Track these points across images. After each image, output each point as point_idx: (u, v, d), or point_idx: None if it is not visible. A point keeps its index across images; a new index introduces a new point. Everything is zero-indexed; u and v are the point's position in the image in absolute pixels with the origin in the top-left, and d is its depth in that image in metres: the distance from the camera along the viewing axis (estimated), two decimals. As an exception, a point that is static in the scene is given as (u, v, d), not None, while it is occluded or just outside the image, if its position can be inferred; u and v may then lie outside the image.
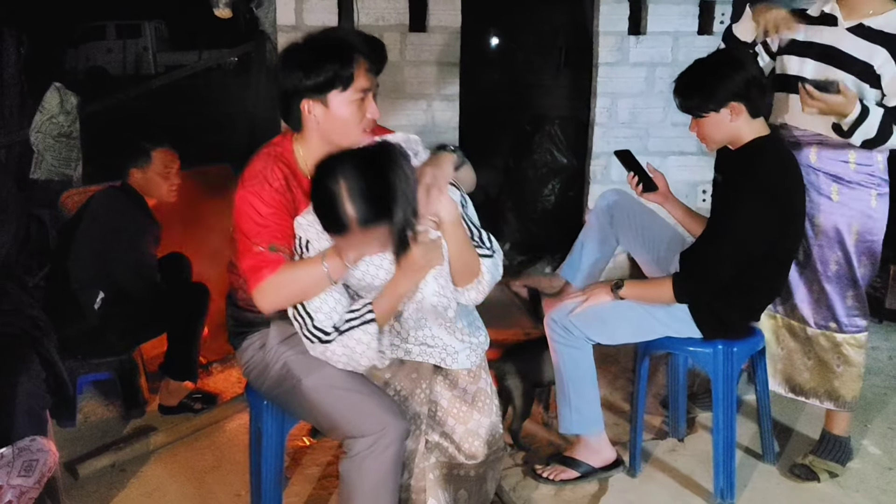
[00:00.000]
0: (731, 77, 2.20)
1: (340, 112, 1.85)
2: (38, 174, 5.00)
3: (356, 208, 1.65)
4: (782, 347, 2.60)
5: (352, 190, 1.65)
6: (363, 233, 1.69)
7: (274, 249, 1.82)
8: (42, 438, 1.89)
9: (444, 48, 3.83)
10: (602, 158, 4.06)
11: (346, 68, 1.82)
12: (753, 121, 2.24)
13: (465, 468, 1.95)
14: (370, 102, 1.87)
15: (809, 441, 2.71)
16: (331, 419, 1.85)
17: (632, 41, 3.93)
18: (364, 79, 1.84)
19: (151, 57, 17.24)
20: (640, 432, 2.55)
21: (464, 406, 1.95)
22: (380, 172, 1.68)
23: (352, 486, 1.81)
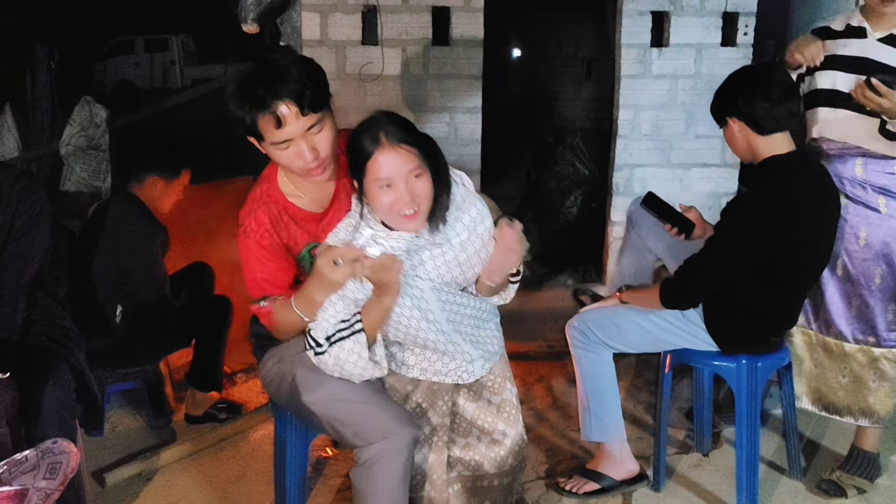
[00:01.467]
0: (729, 95, 2.25)
1: (273, 156, 1.86)
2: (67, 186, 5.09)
3: (390, 132, 1.75)
4: (816, 365, 2.56)
5: (386, 132, 1.74)
6: (392, 154, 1.74)
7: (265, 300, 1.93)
8: (63, 440, 1.92)
9: (467, 61, 3.86)
10: (624, 170, 4.05)
11: (252, 127, 1.79)
12: (768, 137, 2.21)
13: (488, 478, 1.94)
14: (294, 149, 1.80)
15: (837, 456, 2.68)
16: (338, 432, 1.87)
17: (654, 53, 3.93)
18: (273, 134, 1.78)
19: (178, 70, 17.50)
20: (664, 446, 2.54)
21: (489, 417, 1.96)
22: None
23: (362, 494, 1.82)
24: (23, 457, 1.83)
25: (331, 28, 3.73)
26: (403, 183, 1.75)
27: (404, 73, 3.83)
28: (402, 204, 1.76)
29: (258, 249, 1.93)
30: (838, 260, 2.46)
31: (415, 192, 1.76)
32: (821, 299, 2.51)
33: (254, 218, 1.92)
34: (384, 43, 3.76)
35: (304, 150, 1.81)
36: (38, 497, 1.78)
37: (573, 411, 3.05)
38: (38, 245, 2.19)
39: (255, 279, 1.94)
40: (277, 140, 1.79)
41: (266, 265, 1.93)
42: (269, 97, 1.76)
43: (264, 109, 1.76)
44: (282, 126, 1.77)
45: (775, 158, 2.22)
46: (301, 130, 1.79)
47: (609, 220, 4.13)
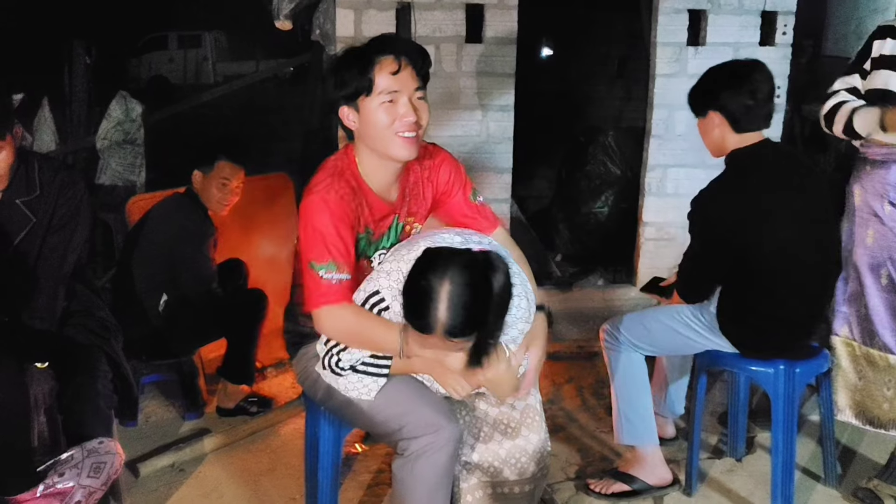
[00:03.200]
0: (712, 89, 2.25)
1: (371, 117, 1.85)
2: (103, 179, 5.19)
3: (451, 317, 1.58)
4: (860, 377, 2.52)
5: (453, 297, 1.57)
6: (442, 340, 1.63)
7: (332, 267, 1.80)
8: (110, 441, 1.95)
9: (500, 59, 3.84)
10: (657, 171, 4.01)
11: (365, 73, 1.82)
12: (742, 135, 2.24)
13: (508, 485, 1.93)
14: (401, 104, 1.84)
15: (874, 464, 2.63)
16: (384, 425, 1.86)
17: (690, 52, 3.88)
18: (388, 80, 1.82)
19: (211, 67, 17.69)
20: (697, 450, 2.51)
21: (511, 422, 1.94)
22: (485, 287, 1.59)
23: (405, 486, 1.81)
24: (69, 455, 1.87)
25: (365, 25, 3.73)
26: None
27: (437, 70, 3.82)
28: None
29: (337, 207, 1.82)
30: (882, 269, 2.42)
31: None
32: (864, 310, 2.46)
33: (337, 181, 1.86)
34: (418, 40, 3.75)
35: (409, 108, 1.85)
36: (81, 494, 1.81)
37: (603, 412, 3.03)
38: (77, 237, 2.23)
39: (326, 238, 1.80)
40: (389, 88, 1.83)
41: (340, 228, 1.82)
42: (392, 46, 1.85)
43: (387, 53, 1.83)
44: (399, 72, 1.82)
45: (740, 150, 2.25)
46: (412, 88, 1.85)
47: (641, 221, 4.09)
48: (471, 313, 1.59)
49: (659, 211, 4.06)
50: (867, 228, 2.44)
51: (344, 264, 1.82)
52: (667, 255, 4.08)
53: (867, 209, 2.44)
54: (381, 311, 1.80)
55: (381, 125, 1.85)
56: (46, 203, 2.17)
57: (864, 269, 2.47)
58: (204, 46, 17.78)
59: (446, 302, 1.58)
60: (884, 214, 2.40)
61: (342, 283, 1.82)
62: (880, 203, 2.41)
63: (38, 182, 2.17)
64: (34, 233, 2.15)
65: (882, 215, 2.41)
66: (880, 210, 2.41)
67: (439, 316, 1.59)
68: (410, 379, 1.91)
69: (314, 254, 1.82)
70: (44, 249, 2.19)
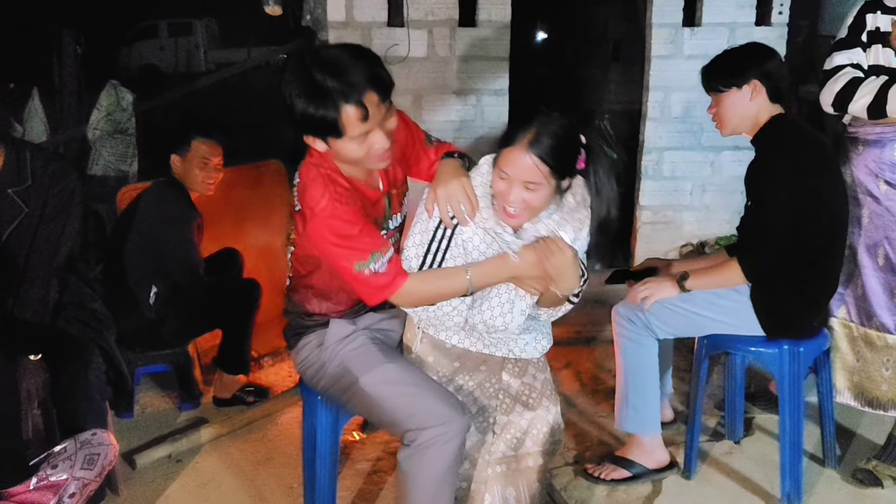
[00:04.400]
0: (757, 58, 2.27)
1: (342, 151, 1.77)
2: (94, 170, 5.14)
3: (538, 136, 1.79)
4: (858, 358, 2.51)
5: (549, 126, 1.81)
6: (522, 157, 1.78)
7: (378, 256, 1.80)
8: (103, 432, 1.94)
9: (494, 43, 3.80)
10: (654, 153, 3.99)
11: (330, 121, 1.69)
12: (772, 105, 2.27)
13: (532, 457, 1.95)
14: (374, 138, 1.75)
15: (872, 445, 2.63)
16: (392, 414, 1.85)
17: (686, 33, 3.85)
18: (358, 126, 1.70)
19: (202, 55, 17.55)
20: (698, 433, 2.50)
21: (534, 393, 1.97)
22: (579, 145, 1.86)
23: (411, 476, 1.80)
24: (62, 447, 1.85)
25: (356, 9, 3.69)
26: (518, 186, 1.80)
27: (430, 54, 3.78)
28: (507, 200, 1.82)
29: (346, 215, 1.79)
30: (878, 249, 2.40)
31: (523, 197, 1.81)
32: (861, 290, 2.45)
33: (331, 190, 1.80)
34: (410, 24, 3.72)
35: (384, 137, 1.76)
36: (75, 486, 1.79)
37: (601, 397, 3.02)
38: (69, 228, 2.20)
39: (353, 240, 1.79)
40: (361, 131, 1.72)
41: (362, 224, 1.81)
42: (350, 89, 1.68)
43: (349, 102, 1.68)
44: (368, 118, 1.70)
45: (779, 117, 2.27)
46: (381, 118, 1.75)
47: (637, 205, 4.07)
48: (560, 147, 1.79)
49: (655, 194, 4.04)
50: (862, 208, 2.42)
51: (382, 246, 1.83)
52: (663, 239, 4.08)
53: (861, 189, 2.42)
54: (455, 225, 1.88)
55: (354, 156, 1.78)
56: (38, 193, 2.14)
57: (860, 250, 2.45)
58: (195, 34, 17.62)
59: (543, 125, 1.82)
60: (879, 194, 2.39)
61: (393, 262, 1.84)
62: (875, 182, 2.39)
63: (30, 172, 2.14)
64: (26, 223, 2.13)
65: (878, 195, 2.39)
66: (875, 189, 2.39)
67: (532, 130, 1.79)
68: (416, 370, 1.91)
69: (355, 258, 1.80)
70: (36, 240, 2.16)
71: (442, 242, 1.89)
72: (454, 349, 1.97)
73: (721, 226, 4.07)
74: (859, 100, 2.33)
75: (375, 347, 1.93)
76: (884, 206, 2.37)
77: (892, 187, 2.35)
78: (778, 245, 2.21)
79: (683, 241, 4.11)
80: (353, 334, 1.95)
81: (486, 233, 1.88)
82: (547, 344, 2.05)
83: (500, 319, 1.90)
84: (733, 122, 2.30)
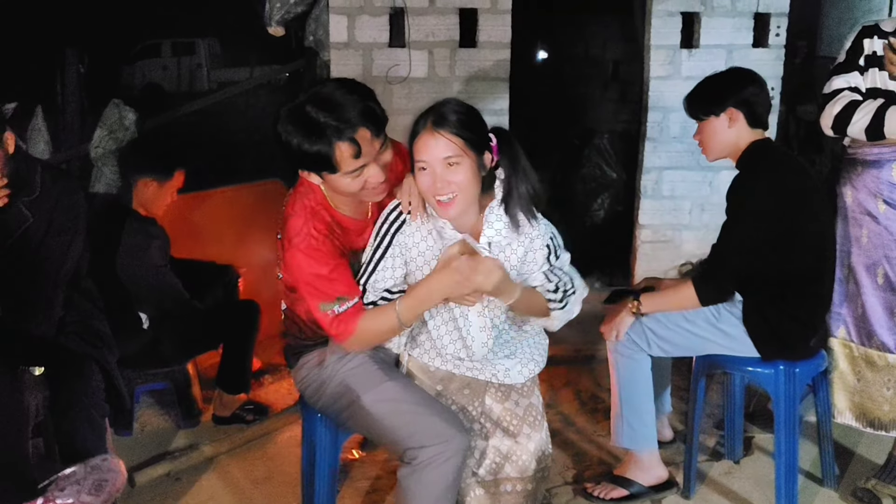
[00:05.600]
0: (734, 86, 2.31)
1: (337, 185, 1.83)
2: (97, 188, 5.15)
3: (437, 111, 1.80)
4: (859, 379, 2.51)
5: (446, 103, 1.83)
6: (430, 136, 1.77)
7: (343, 300, 1.84)
8: (113, 459, 1.93)
9: (494, 63, 3.84)
10: (653, 173, 4.01)
11: (325, 158, 1.75)
12: (752, 130, 2.31)
13: (511, 482, 1.93)
14: (369, 173, 1.80)
15: (872, 465, 2.62)
16: (392, 433, 1.85)
17: (684, 54, 3.88)
18: (352, 162, 1.76)
19: (205, 74, 17.67)
20: (696, 453, 2.50)
21: (514, 419, 1.94)
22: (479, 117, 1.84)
23: (411, 494, 1.80)
24: (71, 471, 1.85)
25: (358, 30, 3.73)
26: (440, 167, 1.77)
27: (431, 75, 3.82)
28: (435, 188, 1.78)
29: (320, 254, 1.85)
30: (878, 268, 2.42)
31: (449, 179, 1.77)
32: (861, 310, 2.46)
33: (312, 225, 1.86)
34: (411, 45, 3.76)
35: (379, 171, 1.81)
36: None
37: (600, 416, 3.02)
38: (75, 245, 2.23)
39: (323, 281, 1.84)
40: (354, 167, 1.77)
41: (334, 265, 1.85)
42: (344, 126, 1.73)
43: (342, 139, 1.73)
44: (361, 154, 1.75)
45: (759, 142, 2.31)
46: (374, 153, 1.79)
47: (636, 224, 4.09)
48: (462, 116, 1.79)
49: (654, 213, 4.06)
50: (861, 228, 2.44)
51: (349, 292, 1.87)
52: (663, 258, 4.08)
53: (860, 209, 2.44)
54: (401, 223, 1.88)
55: (350, 190, 1.84)
56: (44, 205, 2.20)
57: (859, 269, 2.47)
58: (198, 53, 17.77)
59: (438, 104, 1.83)
60: (878, 213, 2.40)
61: (356, 306, 1.87)
62: (874, 202, 2.41)
63: (39, 183, 2.21)
64: (31, 232, 2.18)
65: (877, 214, 2.41)
66: (874, 209, 2.41)
67: (428, 122, 1.78)
68: (419, 388, 1.92)
69: (320, 298, 1.85)
70: (41, 251, 2.19)
71: (385, 239, 1.88)
72: (438, 372, 1.96)
73: (720, 245, 4.08)
74: (857, 122, 2.35)
75: (375, 366, 1.94)
76: (882, 226, 2.39)
77: (891, 207, 2.37)
78: (734, 269, 2.26)
79: (683, 259, 4.12)
80: (352, 352, 1.96)
81: (427, 232, 1.88)
82: (534, 368, 1.99)
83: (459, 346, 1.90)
84: (715, 148, 2.36)
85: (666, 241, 4.07)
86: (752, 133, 2.31)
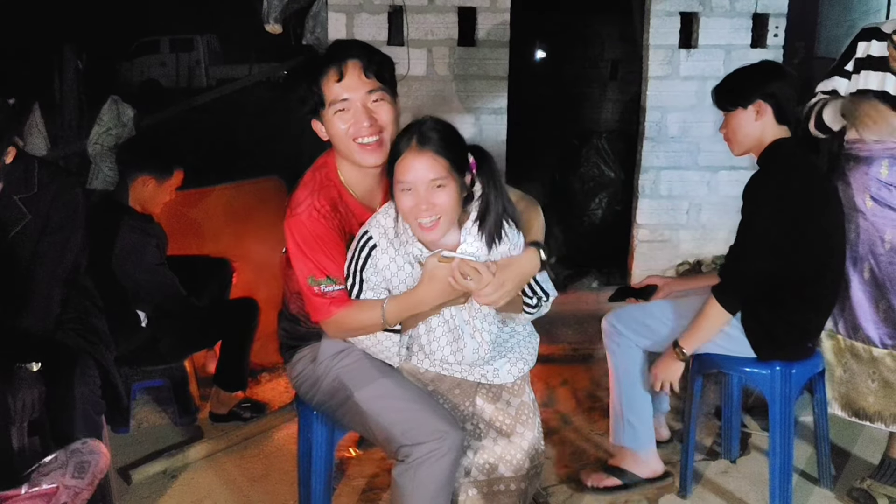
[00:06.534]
0: (763, 79, 2.28)
1: (330, 128, 1.88)
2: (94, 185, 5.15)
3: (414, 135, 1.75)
4: (845, 370, 2.52)
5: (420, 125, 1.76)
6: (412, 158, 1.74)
7: (331, 281, 1.85)
8: (93, 441, 1.93)
9: (493, 62, 3.84)
10: (651, 172, 4.02)
11: (313, 87, 1.84)
12: (778, 126, 2.28)
13: (504, 482, 1.92)
14: (352, 111, 1.84)
15: (868, 465, 2.63)
16: (387, 430, 1.85)
17: (682, 55, 3.89)
18: (335, 90, 1.83)
19: (203, 70, 17.64)
20: (692, 452, 2.50)
21: (507, 419, 1.93)
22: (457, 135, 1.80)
23: (406, 492, 1.80)
24: (53, 457, 1.85)
25: (357, 28, 3.73)
26: (424, 189, 1.74)
27: (430, 73, 3.82)
28: (419, 210, 1.76)
29: (320, 228, 1.86)
30: (864, 263, 2.43)
31: (433, 201, 1.75)
32: (847, 303, 2.47)
33: (316, 198, 1.88)
34: (410, 43, 3.76)
35: (362, 113, 1.84)
36: (67, 495, 1.78)
37: (597, 415, 3.02)
38: (72, 241, 2.23)
39: (316, 258, 1.86)
40: (338, 97, 1.83)
41: (328, 246, 1.87)
42: (337, 54, 1.85)
43: (330, 64, 1.82)
44: (342, 79, 1.82)
45: (780, 141, 2.28)
46: (362, 92, 1.84)
47: (634, 223, 4.10)
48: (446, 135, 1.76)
49: (652, 213, 4.07)
50: (850, 223, 2.45)
51: (338, 276, 1.87)
52: (660, 257, 4.09)
53: (849, 204, 2.45)
54: (370, 249, 1.84)
55: (339, 135, 1.87)
56: (42, 202, 2.19)
57: (847, 263, 2.48)
58: (196, 50, 17.74)
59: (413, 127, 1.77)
60: (866, 210, 2.42)
61: (340, 292, 1.87)
62: (862, 198, 2.43)
63: (37, 181, 2.20)
64: (28, 229, 2.17)
65: (864, 210, 2.42)
66: (862, 205, 2.42)
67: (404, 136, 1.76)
68: (414, 385, 1.91)
69: (309, 272, 1.87)
70: (39, 248, 2.19)
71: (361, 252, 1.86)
72: (427, 373, 1.94)
73: (718, 244, 4.09)
74: (811, 121, 2.49)
75: (370, 362, 1.94)
76: (869, 222, 2.40)
77: (878, 203, 2.38)
78: (757, 271, 2.24)
79: (680, 259, 4.13)
80: (347, 349, 1.96)
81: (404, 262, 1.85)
82: (524, 367, 1.96)
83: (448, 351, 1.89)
84: (742, 141, 2.33)
85: (663, 241, 4.08)
86: (778, 129, 2.28)
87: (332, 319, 1.89)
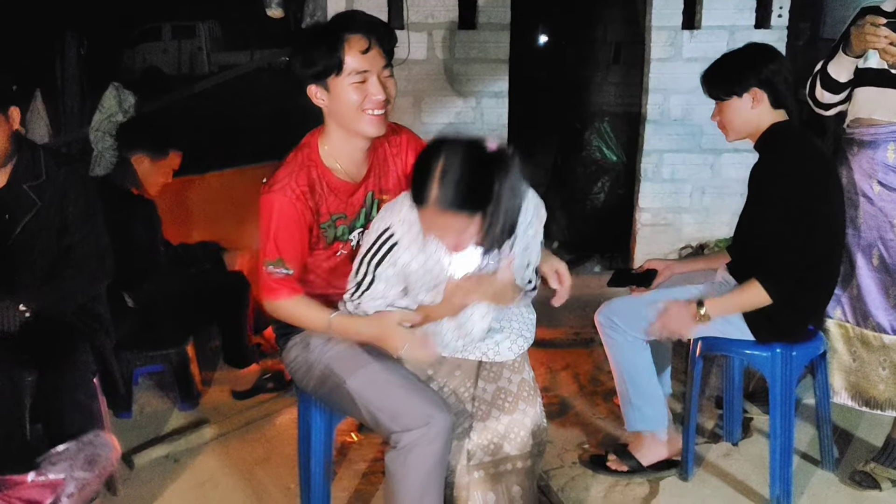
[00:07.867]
0: (757, 64, 2.23)
1: (341, 96, 1.86)
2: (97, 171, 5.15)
3: (441, 191, 1.65)
4: (854, 359, 2.51)
5: (446, 169, 1.64)
6: (441, 216, 1.68)
7: (280, 264, 1.88)
8: (105, 434, 1.95)
9: (494, 45, 3.82)
10: (653, 156, 3.99)
11: (334, 52, 1.82)
12: (774, 111, 2.25)
13: (511, 461, 1.93)
14: (371, 83, 1.85)
15: (870, 447, 2.62)
16: (377, 417, 1.85)
17: (686, 36, 3.86)
18: (358, 60, 1.83)
19: (205, 57, 17.58)
20: (693, 435, 2.50)
21: (509, 396, 1.94)
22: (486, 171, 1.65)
23: (397, 478, 1.80)
24: (64, 447, 1.86)
25: (357, 12, 3.70)
26: (453, 236, 1.74)
27: (430, 57, 3.80)
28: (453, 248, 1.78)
29: (290, 210, 1.87)
30: (873, 250, 2.41)
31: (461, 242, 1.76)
32: (857, 291, 2.45)
33: (294, 179, 1.89)
34: (410, 27, 3.73)
35: (378, 86, 1.85)
36: (74, 486, 1.80)
37: (599, 399, 3.03)
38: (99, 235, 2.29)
39: (277, 238, 1.88)
40: (360, 68, 1.83)
41: (291, 229, 1.89)
42: (360, 23, 1.85)
43: (356, 31, 1.82)
44: (369, 50, 1.82)
45: (780, 125, 2.25)
46: (379, 66, 1.86)
47: (637, 207, 4.08)
48: (462, 186, 1.64)
49: (655, 196, 4.05)
50: (857, 209, 2.43)
51: (290, 261, 1.90)
52: (663, 241, 4.08)
53: (855, 190, 2.43)
54: (391, 247, 1.82)
55: (351, 104, 1.86)
56: (51, 189, 2.23)
57: (855, 251, 2.46)
58: (198, 37, 17.67)
59: (438, 174, 1.65)
60: (873, 195, 2.39)
61: (287, 277, 1.90)
62: (868, 183, 2.40)
63: (44, 168, 2.24)
64: (40, 216, 2.22)
65: (871, 196, 2.39)
66: (869, 190, 2.40)
67: (432, 187, 1.65)
68: (400, 369, 1.90)
69: (266, 250, 1.90)
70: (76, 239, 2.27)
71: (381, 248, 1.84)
72: None
73: (720, 228, 4.07)
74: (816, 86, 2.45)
75: (360, 347, 1.93)
76: (877, 207, 2.38)
77: (886, 188, 2.35)
78: (799, 256, 2.18)
79: (683, 243, 4.12)
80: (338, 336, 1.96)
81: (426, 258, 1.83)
82: (524, 343, 1.97)
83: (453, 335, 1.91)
84: (738, 129, 2.30)
85: (666, 225, 4.07)
86: (774, 114, 2.25)
87: (279, 304, 1.93)
